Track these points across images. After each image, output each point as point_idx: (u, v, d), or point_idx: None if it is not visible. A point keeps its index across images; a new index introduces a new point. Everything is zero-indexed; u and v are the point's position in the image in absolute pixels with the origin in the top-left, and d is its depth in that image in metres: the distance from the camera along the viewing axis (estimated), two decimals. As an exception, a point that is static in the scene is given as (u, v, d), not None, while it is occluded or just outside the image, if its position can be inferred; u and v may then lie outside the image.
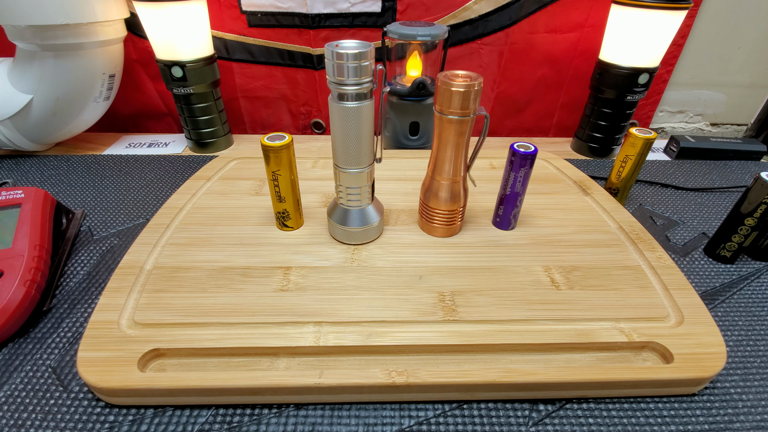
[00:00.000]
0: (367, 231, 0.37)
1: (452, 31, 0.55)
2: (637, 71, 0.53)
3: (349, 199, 0.36)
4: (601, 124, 0.59)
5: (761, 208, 0.36)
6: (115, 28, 0.53)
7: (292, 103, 0.67)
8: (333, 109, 0.31)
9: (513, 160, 0.36)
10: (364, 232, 0.37)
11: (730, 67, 0.64)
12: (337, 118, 0.32)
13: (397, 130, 0.57)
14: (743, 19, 0.60)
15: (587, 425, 0.26)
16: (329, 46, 0.29)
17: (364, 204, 0.36)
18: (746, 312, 0.35)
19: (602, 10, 0.56)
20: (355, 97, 0.30)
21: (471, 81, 0.30)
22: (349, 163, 0.34)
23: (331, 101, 0.31)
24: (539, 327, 0.30)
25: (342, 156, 0.34)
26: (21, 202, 0.37)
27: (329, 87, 0.31)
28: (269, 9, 0.58)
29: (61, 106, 0.53)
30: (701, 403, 0.28)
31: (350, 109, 0.31)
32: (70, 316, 0.33)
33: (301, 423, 0.26)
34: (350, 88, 0.30)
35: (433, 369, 0.27)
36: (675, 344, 0.28)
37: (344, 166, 0.34)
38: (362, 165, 0.34)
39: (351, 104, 0.31)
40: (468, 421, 0.26)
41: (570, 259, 0.36)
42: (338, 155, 0.34)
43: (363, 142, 0.33)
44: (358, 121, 0.31)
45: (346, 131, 0.32)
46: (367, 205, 0.37)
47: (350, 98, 0.30)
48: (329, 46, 0.29)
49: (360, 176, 0.34)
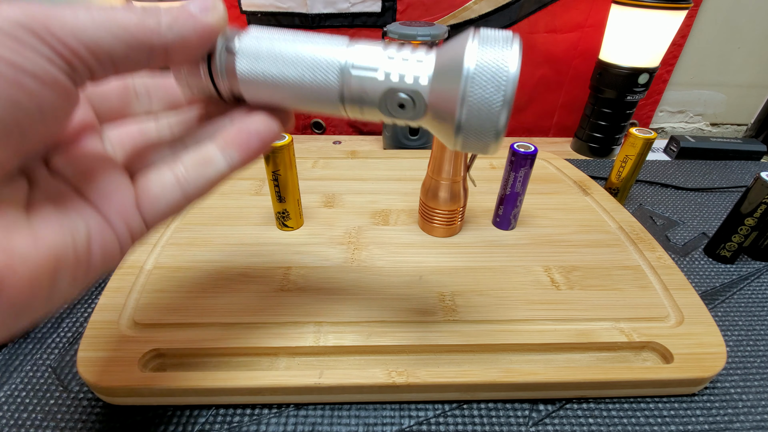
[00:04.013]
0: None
1: (452, 31, 0.55)
2: (637, 71, 0.53)
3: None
4: (601, 124, 0.59)
5: (761, 208, 0.36)
6: (115, 28, 0.53)
7: (292, 103, 0.67)
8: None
9: (513, 160, 0.36)
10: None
11: (730, 67, 0.64)
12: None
13: (397, 130, 0.57)
14: (743, 19, 0.60)
15: (587, 425, 0.26)
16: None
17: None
18: (746, 312, 0.35)
19: (602, 10, 0.56)
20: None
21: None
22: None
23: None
24: (539, 327, 0.30)
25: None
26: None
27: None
28: (269, 9, 0.58)
29: (61, 106, 0.53)
30: (701, 403, 0.28)
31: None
32: (70, 316, 0.33)
33: (301, 423, 0.26)
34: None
35: (433, 369, 0.27)
36: (675, 344, 0.28)
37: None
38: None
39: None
40: (468, 421, 0.26)
41: (570, 259, 0.36)
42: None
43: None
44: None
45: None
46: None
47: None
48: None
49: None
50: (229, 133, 0.17)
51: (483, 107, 0.15)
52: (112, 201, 0.15)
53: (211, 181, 0.17)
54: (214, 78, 0.17)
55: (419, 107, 0.16)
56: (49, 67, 0.12)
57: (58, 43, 0.12)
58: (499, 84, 0.14)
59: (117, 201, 0.16)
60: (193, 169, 0.17)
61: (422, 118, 0.17)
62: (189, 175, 0.17)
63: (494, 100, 0.14)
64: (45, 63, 0.12)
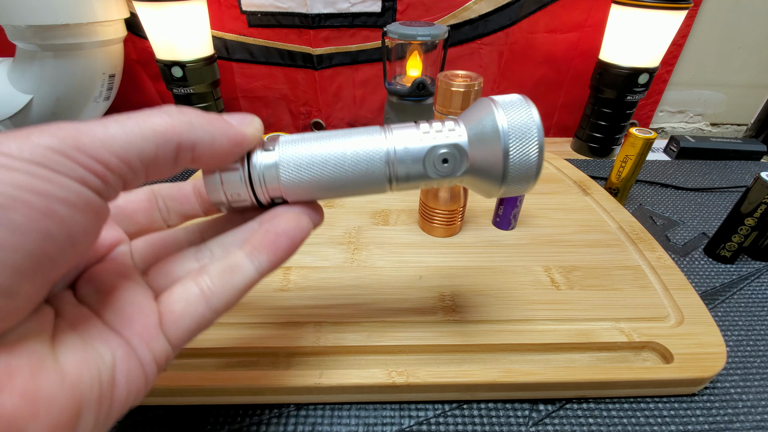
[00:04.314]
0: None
1: (452, 31, 0.55)
2: (637, 71, 0.53)
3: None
4: (601, 124, 0.59)
5: (761, 208, 0.36)
6: (115, 28, 0.54)
7: (292, 103, 0.67)
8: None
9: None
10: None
11: (730, 67, 0.64)
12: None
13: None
14: (743, 19, 0.60)
15: (587, 425, 0.26)
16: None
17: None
18: (746, 312, 0.35)
19: (602, 10, 0.56)
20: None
21: (471, 81, 0.30)
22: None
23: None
24: (539, 327, 0.30)
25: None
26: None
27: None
28: (269, 9, 0.58)
29: (61, 106, 0.53)
30: (701, 403, 0.28)
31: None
32: (70, 316, 0.33)
33: (301, 423, 0.26)
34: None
35: (433, 369, 0.27)
36: (675, 344, 0.28)
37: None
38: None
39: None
40: (468, 421, 0.26)
41: (570, 259, 0.36)
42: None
43: None
44: None
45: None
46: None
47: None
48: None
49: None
50: (257, 236, 0.17)
51: (524, 158, 0.17)
52: (135, 325, 0.15)
53: (239, 290, 0.16)
54: (254, 186, 0.17)
55: (461, 158, 0.17)
56: (80, 188, 0.12)
57: (89, 159, 0.12)
58: (532, 136, 0.17)
59: (140, 324, 0.15)
60: (218, 279, 0.16)
61: (462, 175, 0.18)
62: (215, 286, 0.16)
63: (532, 150, 0.17)
64: (76, 185, 0.12)
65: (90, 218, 0.13)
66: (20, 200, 0.11)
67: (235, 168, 0.17)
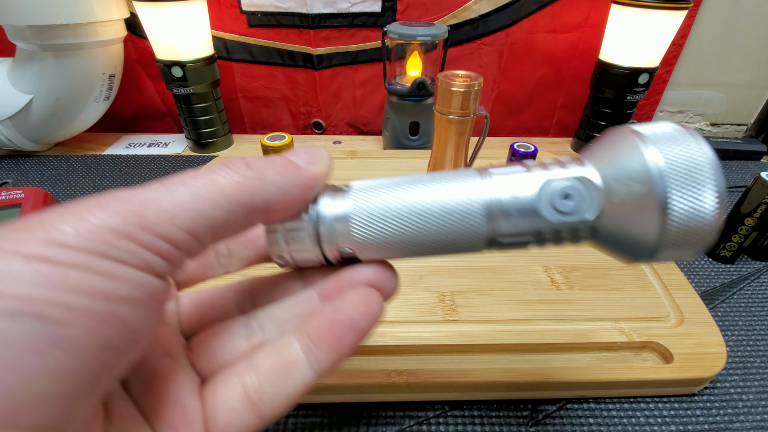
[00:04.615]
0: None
1: (452, 31, 0.55)
2: (637, 71, 0.53)
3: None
4: (601, 124, 0.59)
5: (761, 208, 0.36)
6: (115, 28, 0.54)
7: (292, 103, 0.67)
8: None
9: (513, 160, 0.36)
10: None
11: (730, 67, 0.64)
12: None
13: (397, 130, 0.57)
14: (743, 19, 0.60)
15: (587, 425, 0.26)
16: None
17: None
18: (746, 312, 0.35)
19: (602, 10, 0.56)
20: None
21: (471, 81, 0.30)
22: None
23: None
24: (539, 327, 0.30)
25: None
26: (21, 202, 0.37)
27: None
28: (269, 9, 0.58)
29: (61, 106, 0.53)
30: (701, 403, 0.28)
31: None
32: (70, 316, 0.33)
33: (301, 423, 0.26)
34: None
35: (433, 369, 0.27)
36: (675, 344, 0.28)
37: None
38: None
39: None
40: (468, 421, 0.26)
41: (570, 259, 0.36)
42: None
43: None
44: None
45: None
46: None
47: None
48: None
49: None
50: (317, 324, 0.14)
51: (693, 211, 0.11)
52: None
53: (292, 396, 0.14)
54: (322, 243, 0.14)
55: (591, 195, 0.13)
56: (145, 278, 0.11)
57: (156, 238, 0.11)
58: (705, 178, 0.11)
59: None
60: (269, 382, 0.14)
61: (594, 222, 0.13)
62: (264, 391, 0.13)
63: (706, 201, 0.11)
64: (141, 275, 0.11)
65: (154, 309, 0.11)
66: (79, 310, 0.09)
67: (301, 221, 0.14)
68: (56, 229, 0.10)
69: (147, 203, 0.11)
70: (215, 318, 0.16)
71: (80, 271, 0.10)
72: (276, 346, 0.14)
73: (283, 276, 0.17)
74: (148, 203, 0.11)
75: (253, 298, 0.17)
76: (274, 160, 0.13)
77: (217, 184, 0.12)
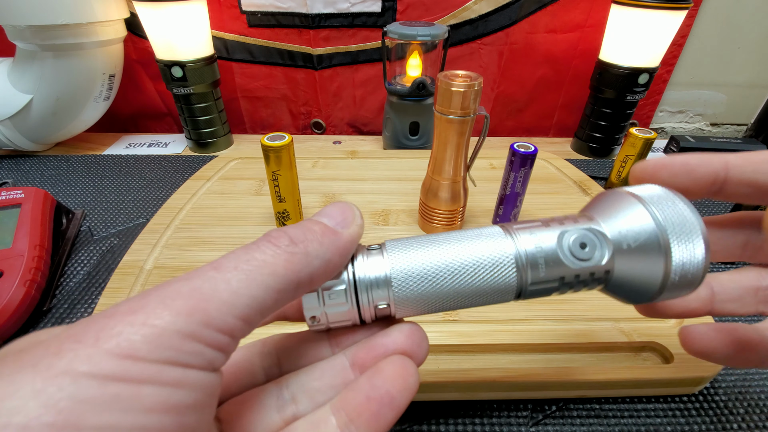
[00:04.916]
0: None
1: (452, 31, 0.55)
2: (637, 71, 0.53)
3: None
4: (601, 124, 0.59)
5: (761, 207, 0.36)
6: (115, 28, 0.54)
7: (292, 103, 0.67)
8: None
9: (513, 160, 0.36)
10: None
11: (730, 67, 0.64)
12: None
13: (397, 130, 0.57)
14: (743, 19, 0.60)
15: (587, 425, 0.26)
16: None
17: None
18: (746, 312, 0.35)
19: (602, 10, 0.56)
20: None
21: (471, 81, 0.30)
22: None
23: None
24: (539, 327, 0.30)
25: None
26: (21, 202, 0.37)
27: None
28: (269, 9, 0.58)
29: (61, 106, 0.53)
30: (701, 403, 0.28)
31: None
32: (70, 316, 0.33)
33: (301, 423, 0.26)
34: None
35: (433, 369, 0.27)
36: (675, 344, 0.28)
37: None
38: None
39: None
40: (468, 421, 0.26)
41: (570, 259, 0.36)
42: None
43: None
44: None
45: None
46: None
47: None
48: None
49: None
50: (354, 401, 0.13)
51: (689, 257, 0.14)
52: None
53: None
54: (360, 304, 0.15)
55: (602, 243, 0.15)
56: (207, 378, 0.10)
57: (217, 334, 0.11)
58: (695, 230, 0.14)
59: None
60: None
61: (607, 265, 0.15)
62: None
63: (697, 248, 0.14)
64: (204, 376, 0.10)
65: (212, 406, 0.11)
66: (151, 429, 0.09)
67: (341, 282, 0.14)
68: (126, 339, 0.09)
69: (208, 297, 0.11)
70: (242, 384, 0.16)
71: (153, 386, 0.09)
72: (313, 422, 0.14)
73: (309, 336, 0.17)
74: (209, 297, 0.11)
75: (279, 361, 0.16)
76: (313, 230, 0.13)
77: (268, 265, 0.12)
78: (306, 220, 0.14)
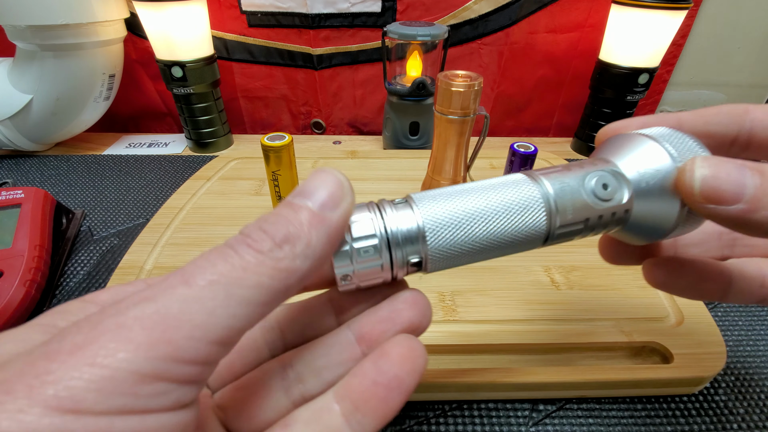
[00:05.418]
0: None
1: (452, 31, 0.55)
2: (637, 71, 0.53)
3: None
4: (602, 124, 0.59)
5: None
6: (115, 28, 0.54)
7: (292, 103, 0.67)
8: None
9: (513, 160, 0.36)
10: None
11: (730, 67, 0.64)
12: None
13: (397, 130, 0.57)
14: (743, 19, 0.60)
15: (587, 425, 0.26)
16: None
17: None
18: (746, 312, 0.35)
19: (602, 10, 0.56)
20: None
21: (471, 81, 0.30)
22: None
23: None
24: (539, 327, 0.30)
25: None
26: (21, 202, 0.37)
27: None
28: (269, 9, 0.58)
29: (61, 106, 0.53)
30: (701, 403, 0.28)
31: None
32: (70, 316, 0.33)
33: (301, 423, 0.26)
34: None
35: (433, 369, 0.27)
36: (675, 344, 0.28)
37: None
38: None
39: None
40: (468, 421, 0.26)
41: (570, 259, 0.36)
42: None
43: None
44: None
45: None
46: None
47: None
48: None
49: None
50: (360, 387, 0.13)
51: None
52: None
53: None
54: (393, 258, 0.14)
55: (620, 183, 0.15)
56: (175, 418, 0.09)
57: (187, 366, 0.09)
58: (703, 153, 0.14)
59: None
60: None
61: (627, 204, 0.15)
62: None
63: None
64: (170, 417, 0.09)
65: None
66: None
67: (372, 238, 0.14)
68: (66, 387, 0.08)
69: (176, 323, 0.09)
70: (247, 362, 0.15)
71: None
72: (315, 411, 0.13)
73: (311, 305, 0.16)
74: (178, 323, 0.09)
75: (282, 334, 0.16)
76: (298, 221, 0.11)
77: (251, 276, 0.10)
78: (286, 204, 0.12)
